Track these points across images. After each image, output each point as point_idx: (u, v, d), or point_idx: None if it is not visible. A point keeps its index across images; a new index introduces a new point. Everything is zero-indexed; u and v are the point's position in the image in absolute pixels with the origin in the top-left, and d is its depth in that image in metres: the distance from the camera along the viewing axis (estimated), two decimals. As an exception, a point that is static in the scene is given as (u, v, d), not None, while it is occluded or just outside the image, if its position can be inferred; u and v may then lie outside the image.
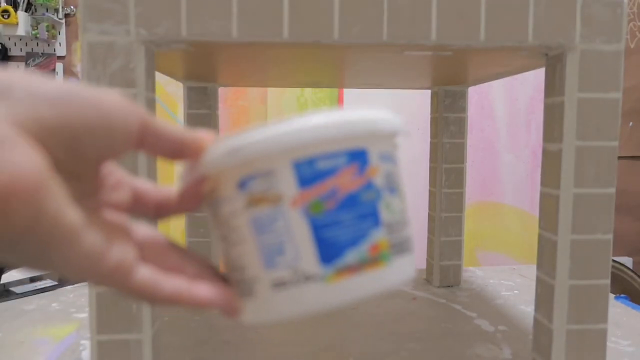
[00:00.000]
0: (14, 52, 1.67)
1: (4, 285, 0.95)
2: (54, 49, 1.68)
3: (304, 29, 0.48)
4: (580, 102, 0.51)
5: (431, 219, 0.97)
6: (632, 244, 1.96)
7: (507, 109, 1.79)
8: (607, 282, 0.52)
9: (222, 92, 1.66)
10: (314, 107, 1.70)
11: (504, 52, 0.54)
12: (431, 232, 0.97)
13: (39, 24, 1.62)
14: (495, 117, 1.79)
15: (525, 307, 0.85)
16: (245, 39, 0.47)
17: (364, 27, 0.48)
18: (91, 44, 0.46)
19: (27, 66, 1.67)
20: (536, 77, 1.78)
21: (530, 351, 0.67)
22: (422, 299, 0.89)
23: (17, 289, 0.93)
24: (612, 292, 1.14)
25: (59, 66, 1.69)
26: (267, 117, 1.69)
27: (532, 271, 1.08)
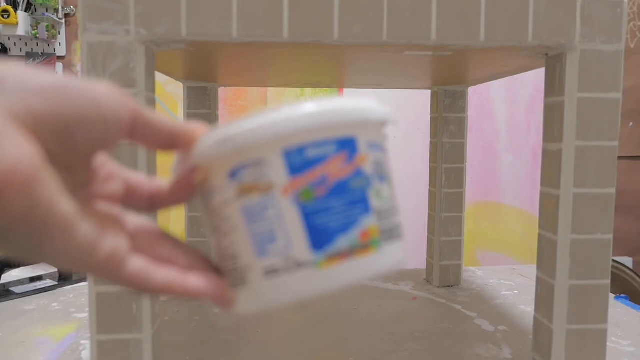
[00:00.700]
0: (14, 52, 1.67)
1: (4, 285, 0.95)
2: (54, 49, 1.68)
3: (304, 29, 0.48)
4: (580, 102, 0.51)
5: (431, 219, 0.97)
6: (632, 244, 1.96)
7: (507, 109, 1.79)
8: (607, 282, 0.52)
9: (222, 92, 1.66)
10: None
11: (504, 52, 0.54)
12: (431, 232, 0.97)
13: (39, 24, 1.62)
14: (495, 117, 1.79)
15: (525, 307, 0.85)
16: (245, 39, 0.47)
17: (364, 27, 0.48)
18: (91, 44, 0.46)
19: (27, 66, 1.67)
20: (536, 77, 1.78)
21: (530, 351, 0.67)
22: (422, 299, 0.89)
23: (17, 289, 0.93)
24: (612, 292, 1.13)
25: (59, 66, 1.69)
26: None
27: (532, 271, 1.08)
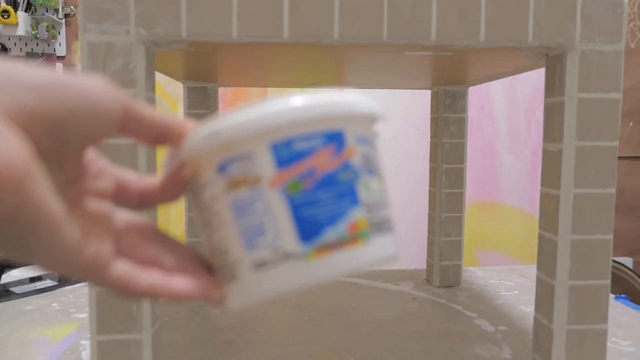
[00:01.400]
0: (14, 52, 1.67)
1: (4, 285, 0.95)
2: (54, 49, 1.68)
3: (304, 29, 0.48)
4: (580, 102, 0.51)
5: (431, 219, 0.97)
6: (632, 244, 1.96)
7: (507, 109, 1.79)
8: (608, 282, 0.52)
9: (222, 92, 1.66)
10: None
11: (504, 52, 0.54)
12: (431, 232, 0.97)
13: (39, 24, 1.62)
14: (495, 117, 1.79)
15: (525, 307, 0.85)
16: (245, 39, 0.47)
17: (364, 27, 0.48)
18: (91, 44, 0.46)
19: (27, 66, 1.67)
20: (536, 77, 1.78)
21: (530, 351, 0.67)
22: (422, 299, 0.89)
23: (17, 289, 0.93)
24: (612, 292, 1.13)
25: (59, 66, 1.69)
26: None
27: (532, 271, 1.08)
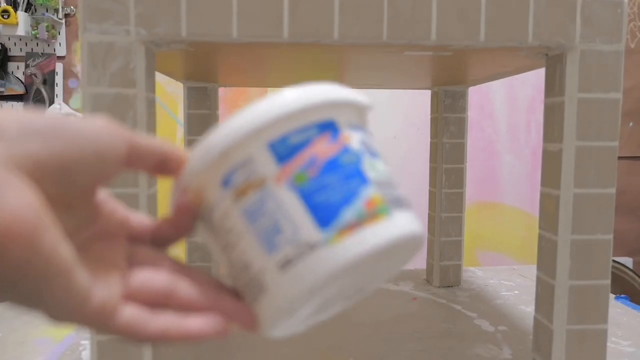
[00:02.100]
0: (14, 52, 1.67)
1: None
2: (54, 49, 1.68)
3: (304, 29, 0.48)
4: (580, 102, 0.51)
5: (431, 219, 0.97)
6: (632, 244, 1.96)
7: (507, 109, 1.79)
8: (608, 282, 0.52)
9: (222, 92, 1.66)
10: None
11: (504, 52, 0.54)
12: (431, 232, 0.97)
13: (39, 24, 1.62)
14: (495, 117, 1.79)
15: (525, 307, 0.85)
16: (245, 39, 0.47)
17: (364, 27, 0.48)
18: (91, 44, 0.46)
19: (27, 66, 1.67)
20: (536, 77, 1.78)
21: (530, 351, 0.67)
22: (422, 299, 0.89)
23: (17, 289, 0.93)
24: (613, 292, 1.13)
25: (59, 66, 1.69)
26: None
27: (532, 271, 1.08)
